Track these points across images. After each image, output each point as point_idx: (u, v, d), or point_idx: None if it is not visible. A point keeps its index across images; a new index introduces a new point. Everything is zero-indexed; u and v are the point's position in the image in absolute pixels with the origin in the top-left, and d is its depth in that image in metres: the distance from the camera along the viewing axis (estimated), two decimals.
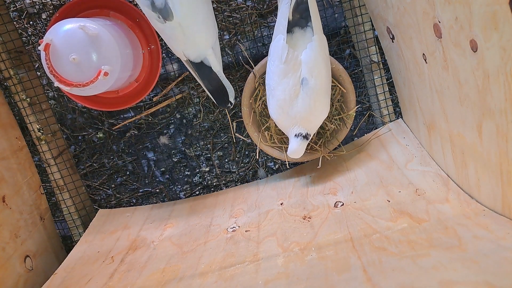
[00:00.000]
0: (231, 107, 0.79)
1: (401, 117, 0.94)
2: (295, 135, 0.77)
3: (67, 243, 1.02)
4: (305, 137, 0.77)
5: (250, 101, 0.88)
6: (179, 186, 1.04)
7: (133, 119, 0.99)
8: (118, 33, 0.77)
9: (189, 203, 0.96)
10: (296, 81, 0.74)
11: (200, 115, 1.00)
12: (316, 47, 0.73)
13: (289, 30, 0.74)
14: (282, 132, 0.91)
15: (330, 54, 0.90)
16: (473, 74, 0.52)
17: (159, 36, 0.85)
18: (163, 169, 1.03)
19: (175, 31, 0.68)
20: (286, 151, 0.90)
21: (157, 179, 1.04)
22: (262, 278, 0.59)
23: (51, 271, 0.79)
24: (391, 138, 0.90)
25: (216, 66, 0.74)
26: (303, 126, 0.77)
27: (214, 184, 1.04)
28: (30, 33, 0.94)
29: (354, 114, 0.88)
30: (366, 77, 0.95)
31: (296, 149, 0.77)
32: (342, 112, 0.89)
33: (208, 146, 1.02)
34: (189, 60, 0.72)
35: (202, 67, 0.73)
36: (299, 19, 0.73)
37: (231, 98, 0.78)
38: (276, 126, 0.90)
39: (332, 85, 0.88)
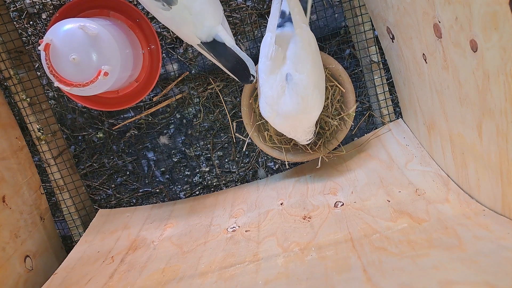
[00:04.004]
0: (254, 80, 0.77)
1: (401, 117, 0.94)
2: (307, 140, 0.82)
3: (67, 243, 1.02)
4: (313, 136, 0.82)
5: (250, 101, 0.88)
6: (179, 186, 1.04)
7: (133, 119, 0.99)
8: (118, 33, 0.77)
9: (189, 203, 0.96)
10: (283, 77, 0.73)
11: (200, 115, 1.00)
12: (298, 41, 0.72)
13: (282, 25, 0.73)
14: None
15: (330, 54, 0.90)
16: (473, 74, 0.52)
17: (159, 36, 0.85)
18: (163, 169, 1.03)
19: (183, 14, 0.67)
20: (286, 151, 0.90)
21: (157, 179, 1.04)
22: (262, 278, 0.59)
23: (51, 271, 0.79)
24: (391, 138, 0.90)
25: (230, 41, 0.72)
26: (300, 133, 0.79)
27: (214, 184, 1.04)
28: (30, 33, 0.94)
29: (354, 114, 0.88)
30: (366, 77, 0.95)
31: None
32: (342, 112, 0.89)
33: (208, 146, 1.02)
34: (201, 42, 0.71)
35: (215, 45, 0.72)
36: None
37: (252, 71, 0.75)
38: None
39: (332, 85, 0.88)
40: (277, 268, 0.61)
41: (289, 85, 0.73)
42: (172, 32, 0.94)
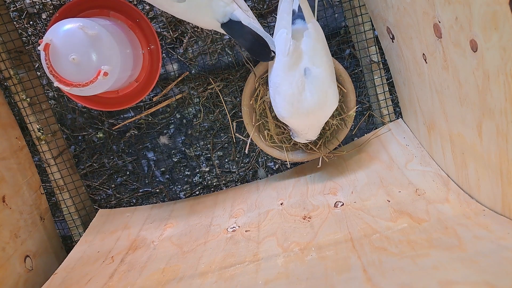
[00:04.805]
0: (275, 55, 0.74)
1: (401, 117, 0.94)
2: (306, 139, 0.82)
3: (67, 243, 1.02)
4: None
5: (251, 102, 0.88)
6: (179, 186, 1.04)
7: (133, 119, 0.99)
8: (118, 33, 0.77)
9: (189, 203, 0.96)
10: (301, 73, 0.72)
11: (200, 115, 1.00)
12: (313, 34, 0.72)
13: (292, 22, 0.73)
14: (282, 131, 0.91)
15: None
16: (473, 74, 0.52)
17: (159, 36, 0.85)
18: (163, 169, 1.03)
19: (197, 1, 0.67)
20: (286, 150, 0.90)
21: (157, 179, 1.04)
22: (262, 278, 0.59)
23: (51, 271, 0.79)
24: (391, 138, 0.90)
25: (245, 18, 0.70)
26: (314, 131, 0.79)
27: (214, 184, 1.04)
28: (30, 33, 0.94)
29: (354, 114, 0.88)
30: (366, 77, 0.95)
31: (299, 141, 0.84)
32: (343, 112, 0.89)
33: (208, 146, 1.02)
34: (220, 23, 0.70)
35: (232, 25, 0.70)
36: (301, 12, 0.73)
37: (272, 47, 0.73)
38: (276, 126, 0.90)
39: None
40: (277, 268, 0.61)
41: (308, 80, 0.72)
42: (172, 32, 0.94)
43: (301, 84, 0.72)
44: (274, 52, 0.73)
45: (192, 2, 0.67)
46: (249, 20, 0.71)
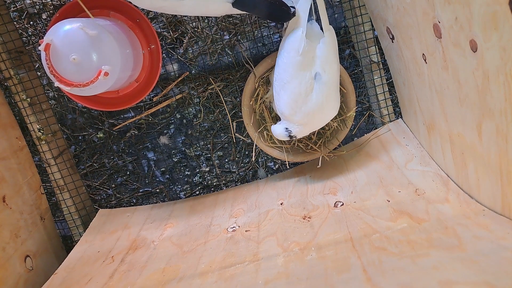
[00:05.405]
0: (295, 10, 0.72)
1: (401, 117, 0.94)
2: (286, 129, 0.78)
3: (67, 243, 1.02)
4: (291, 136, 0.79)
5: (251, 102, 0.88)
6: (179, 186, 1.04)
7: (134, 119, 0.99)
8: (118, 33, 0.77)
9: (189, 203, 0.96)
10: (312, 76, 0.74)
11: (200, 115, 1.00)
12: (329, 42, 0.74)
13: (308, 20, 0.74)
14: None
15: None
16: (473, 74, 0.52)
17: (159, 36, 0.85)
18: (163, 169, 1.03)
19: None
20: (286, 151, 0.90)
21: (157, 179, 1.04)
22: (262, 278, 0.59)
23: (51, 271, 0.79)
24: (390, 138, 0.90)
25: None
26: (306, 130, 0.78)
27: (214, 184, 1.04)
28: (30, 33, 0.94)
29: (354, 114, 0.88)
30: (366, 77, 0.95)
31: (277, 135, 0.80)
32: (342, 112, 0.89)
33: (208, 146, 1.02)
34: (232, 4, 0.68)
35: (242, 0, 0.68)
36: None
37: (290, 2, 0.72)
38: None
39: None
40: (277, 268, 0.61)
41: (317, 84, 0.74)
42: (172, 32, 0.94)
43: (310, 86, 0.74)
44: (293, 7, 0.72)
45: None
46: None
